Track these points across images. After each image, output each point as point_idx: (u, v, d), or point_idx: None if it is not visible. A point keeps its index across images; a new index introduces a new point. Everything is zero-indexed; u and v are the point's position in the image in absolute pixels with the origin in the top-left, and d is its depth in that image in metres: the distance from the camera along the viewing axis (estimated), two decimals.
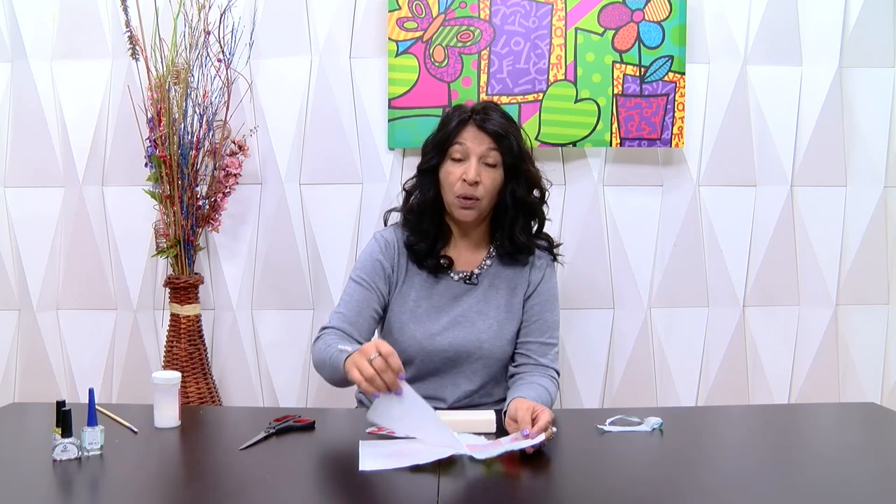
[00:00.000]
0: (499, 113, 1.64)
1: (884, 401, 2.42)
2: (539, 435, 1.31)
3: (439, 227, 1.68)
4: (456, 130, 1.62)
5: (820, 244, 2.39)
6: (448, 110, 1.70)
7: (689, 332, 2.39)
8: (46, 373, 2.38)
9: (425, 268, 1.67)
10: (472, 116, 1.62)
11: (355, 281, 1.67)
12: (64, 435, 1.28)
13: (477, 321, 1.65)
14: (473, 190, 1.60)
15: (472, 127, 1.61)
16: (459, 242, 1.71)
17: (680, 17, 2.24)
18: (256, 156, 2.30)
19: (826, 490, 1.21)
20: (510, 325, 1.67)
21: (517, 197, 1.65)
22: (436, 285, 1.68)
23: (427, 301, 1.67)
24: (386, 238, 1.70)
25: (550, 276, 1.72)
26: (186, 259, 2.19)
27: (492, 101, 1.77)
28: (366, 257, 1.69)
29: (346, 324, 1.62)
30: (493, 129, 1.60)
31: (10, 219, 2.36)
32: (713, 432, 1.57)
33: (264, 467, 1.27)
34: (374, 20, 2.28)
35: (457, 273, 1.69)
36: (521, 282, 1.69)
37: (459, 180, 1.60)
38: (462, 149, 1.61)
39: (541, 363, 1.64)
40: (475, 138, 1.61)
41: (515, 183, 1.65)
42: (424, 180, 1.68)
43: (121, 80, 2.27)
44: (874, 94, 2.36)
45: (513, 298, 1.68)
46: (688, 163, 2.35)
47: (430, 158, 1.66)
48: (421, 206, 1.68)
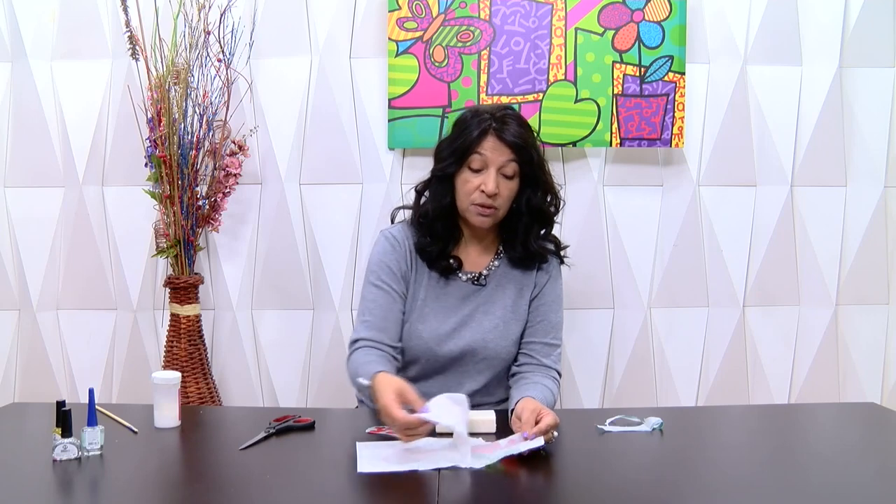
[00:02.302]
0: (517, 122, 1.61)
1: (884, 401, 2.42)
2: (538, 438, 1.31)
3: (451, 231, 1.68)
4: (477, 140, 1.59)
5: (820, 244, 2.39)
6: (464, 114, 1.66)
7: (689, 332, 2.39)
8: (46, 373, 2.38)
9: (436, 269, 1.67)
10: (492, 126, 1.59)
11: (375, 285, 1.64)
12: (64, 435, 1.28)
13: (483, 321, 1.66)
14: (492, 200, 1.59)
15: (492, 137, 1.58)
16: (469, 244, 1.71)
17: (680, 17, 2.24)
18: (256, 156, 2.30)
19: (826, 490, 1.21)
20: (515, 326, 1.67)
21: (533, 205, 1.65)
22: (444, 286, 1.67)
23: (435, 302, 1.67)
24: (395, 236, 1.69)
25: (557, 277, 1.72)
26: (186, 259, 2.19)
27: (506, 104, 1.74)
28: (379, 258, 1.67)
29: (375, 331, 1.60)
30: (513, 139, 1.58)
31: (10, 219, 2.36)
32: (713, 432, 1.57)
33: (264, 467, 1.27)
34: (374, 20, 2.28)
35: (465, 274, 1.69)
36: (528, 283, 1.69)
37: (477, 190, 1.59)
38: (481, 159, 1.59)
39: (543, 364, 1.64)
40: (494, 149, 1.58)
41: (532, 192, 1.64)
42: (439, 186, 1.66)
43: (121, 80, 2.27)
44: (874, 94, 2.36)
45: (519, 299, 1.68)
46: (688, 163, 2.35)
47: (448, 166, 1.63)
48: (435, 212, 1.66)
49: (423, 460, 1.28)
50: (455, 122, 1.67)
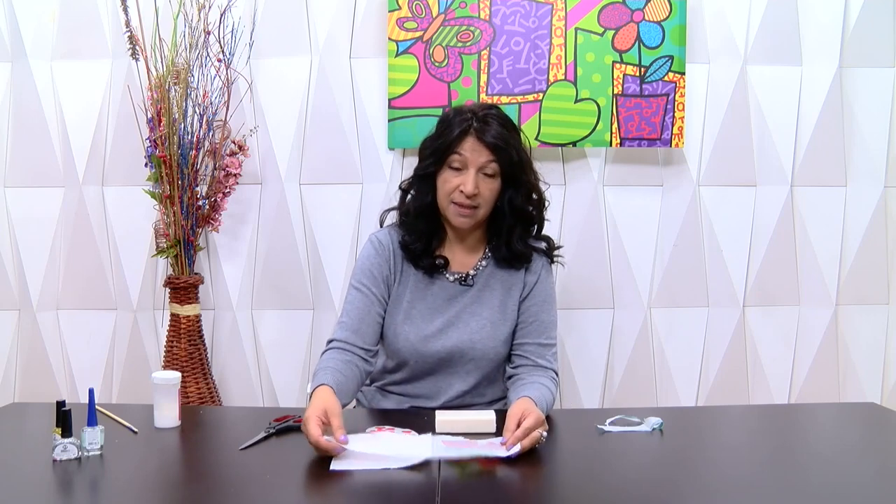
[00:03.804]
0: (498, 121, 1.61)
1: (884, 401, 2.42)
2: (515, 447, 1.29)
3: (435, 229, 1.68)
4: (456, 141, 1.59)
5: (820, 244, 2.39)
6: (447, 111, 1.67)
7: (689, 332, 2.39)
8: (46, 373, 2.38)
9: (421, 268, 1.67)
10: (472, 126, 1.59)
11: (355, 287, 1.66)
12: (64, 435, 1.28)
13: (470, 322, 1.65)
14: (471, 200, 1.60)
15: (472, 138, 1.59)
16: (455, 244, 1.70)
17: (680, 17, 2.24)
18: (256, 156, 2.31)
19: (826, 490, 1.21)
20: (504, 326, 1.66)
21: (515, 205, 1.65)
22: (430, 286, 1.67)
23: (422, 302, 1.66)
24: (380, 240, 1.69)
25: (546, 276, 1.71)
26: (186, 259, 2.19)
27: (492, 103, 1.74)
28: (362, 262, 1.68)
29: (350, 332, 1.61)
30: (492, 141, 1.58)
31: (10, 219, 2.36)
32: (713, 432, 1.57)
33: (264, 467, 1.27)
34: (374, 20, 2.28)
35: (452, 274, 1.68)
36: (517, 283, 1.68)
37: (457, 190, 1.59)
38: (461, 159, 1.59)
39: (539, 364, 1.63)
40: (474, 150, 1.58)
41: (514, 192, 1.64)
42: (422, 184, 1.67)
43: (121, 80, 2.27)
44: (874, 94, 2.37)
45: (507, 299, 1.68)
46: (688, 163, 2.35)
47: (428, 165, 1.64)
48: (418, 209, 1.67)
49: (395, 459, 1.27)
50: (439, 120, 1.67)
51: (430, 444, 1.33)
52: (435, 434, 1.41)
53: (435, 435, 1.40)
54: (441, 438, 1.36)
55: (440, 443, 1.33)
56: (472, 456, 1.29)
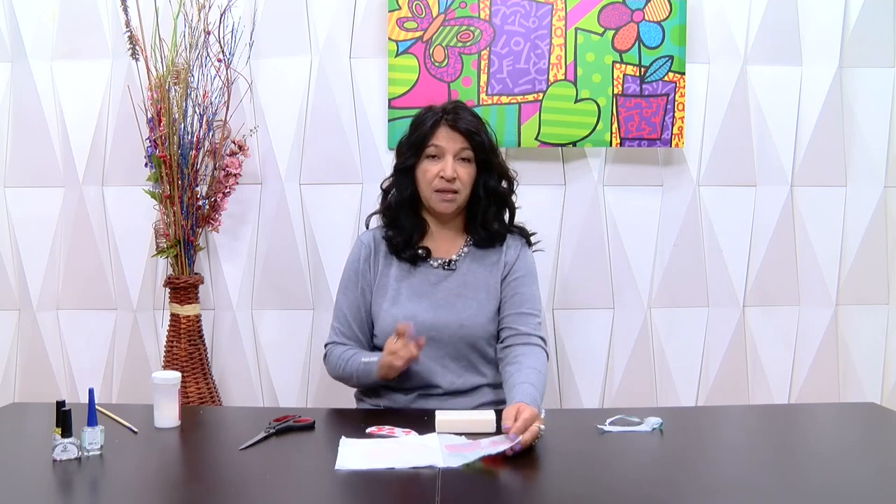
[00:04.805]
0: (468, 112, 1.75)
1: (884, 401, 2.42)
2: (517, 438, 1.31)
3: (416, 222, 1.78)
4: (430, 131, 1.72)
5: (820, 244, 2.39)
6: (420, 112, 1.79)
7: (689, 332, 2.39)
8: (46, 373, 2.38)
9: (404, 259, 1.76)
10: (444, 117, 1.72)
11: (342, 291, 1.79)
12: (64, 435, 1.28)
13: (457, 302, 1.72)
14: (451, 184, 1.71)
15: (445, 127, 1.72)
16: (437, 234, 1.80)
17: (680, 17, 2.24)
18: (256, 156, 2.30)
19: (826, 490, 1.21)
20: (490, 304, 1.74)
21: (489, 188, 1.77)
22: (415, 273, 1.76)
23: (408, 288, 1.74)
24: (363, 241, 1.81)
25: (525, 254, 1.81)
26: (186, 259, 2.19)
27: (459, 101, 1.88)
28: (347, 265, 1.81)
29: (343, 337, 1.76)
30: (465, 127, 1.71)
31: (10, 219, 2.36)
32: (713, 432, 1.57)
33: (264, 467, 1.27)
34: (374, 20, 2.28)
35: (435, 261, 1.77)
36: (498, 262, 1.77)
37: (437, 177, 1.71)
38: (437, 149, 1.72)
39: (522, 331, 1.69)
40: (449, 138, 1.72)
41: (487, 175, 1.77)
42: (402, 179, 1.78)
43: (121, 80, 2.27)
44: (874, 94, 2.36)
45: (490, 278, 1.76)
46: (688, 163, 2.35)
47: (407, 158, 1.76)
48: (399, 204, 1.78)
49: (401, 459, 1.28)
50: (412, 121, 1.79)
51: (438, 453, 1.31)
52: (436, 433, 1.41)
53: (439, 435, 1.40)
54: (445, 443, 1.36)
55: (445, 449, 1.33)
56: (478, 458, 1.29)
